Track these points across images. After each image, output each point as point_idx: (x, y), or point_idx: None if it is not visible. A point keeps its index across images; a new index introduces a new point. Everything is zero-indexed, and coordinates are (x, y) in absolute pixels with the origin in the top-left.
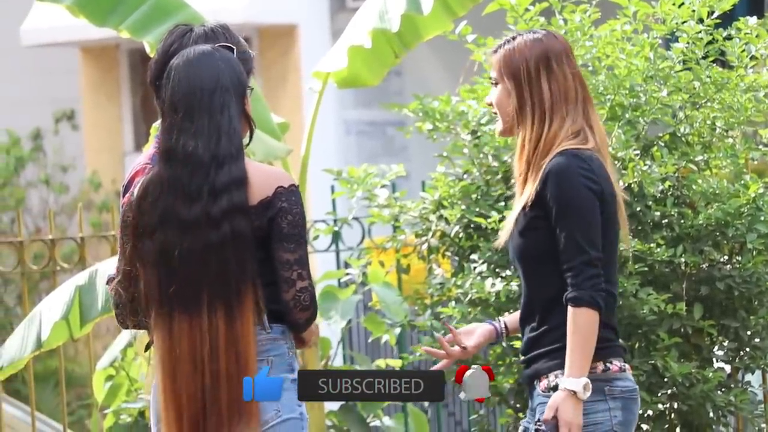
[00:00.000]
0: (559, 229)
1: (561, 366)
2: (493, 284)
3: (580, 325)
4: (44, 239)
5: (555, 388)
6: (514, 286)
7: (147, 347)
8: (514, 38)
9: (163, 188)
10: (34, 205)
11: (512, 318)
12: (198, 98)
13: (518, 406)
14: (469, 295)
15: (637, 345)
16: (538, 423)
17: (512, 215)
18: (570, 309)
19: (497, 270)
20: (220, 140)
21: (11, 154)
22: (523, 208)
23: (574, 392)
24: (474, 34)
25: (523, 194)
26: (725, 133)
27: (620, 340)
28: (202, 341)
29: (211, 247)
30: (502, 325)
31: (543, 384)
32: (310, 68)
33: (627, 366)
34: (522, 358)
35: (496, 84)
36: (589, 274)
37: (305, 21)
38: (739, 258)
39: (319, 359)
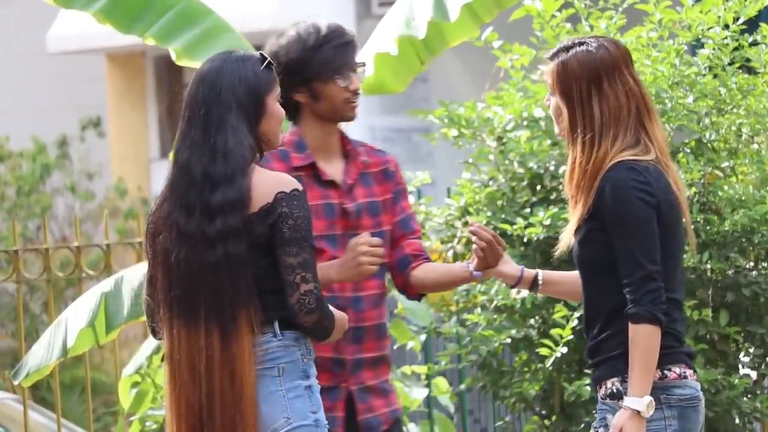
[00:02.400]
0: (616, 243)
1: (618, 373)
2: (519, 291)
3: (641, 341)
4: (70, 246)
5: (612, 396)
6: None
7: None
8: (568, 49)
9: (168, 193)
10: (59, 212)
11: (552, 276)
12: (196, 110)
13: (544, 412)
14: (495, 302)
15: None
16: (596, 429)
17: (569, 227)
18: (630, 325)
19: None
20: (214, 159)
21: (37, 161)
22: (581, 218)
23: (638, 411)
24: (500, 40)
25: (576, 210)
26: (751, 140)
27: (686, 346)
28: (199, 355)
29: (207, 266)
30: (535, 276)
31: (602, 391)
32: None
33: (689, 372)
34: (589, 362)
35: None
36: (648, 288)
37: None
38: (765, 264)
39: None
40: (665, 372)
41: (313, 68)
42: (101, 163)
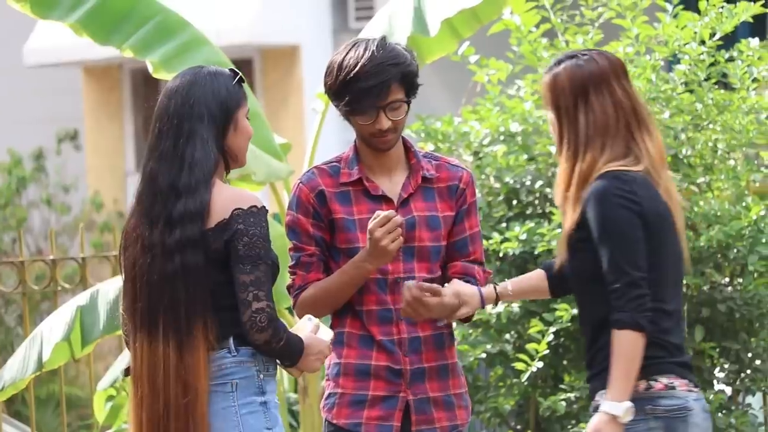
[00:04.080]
0: (601, 252)
1: (605, 386)
2: (494, 305)
3: (623, 347)
4: (45, 259)
5: (597, 409)
6: (515, 307)
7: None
8: (559, 62)
9: (136, 206)
10: (35, 225)
11: (519, 282)
12: (166, 122)
13: (519, 427)
14: None
15: None
16: None
17: (561, 238)
18: (613, 332)
19: None
20: (181, 170)
21: (13, 173)
22: (570, 230)
23: (615, 416)
24: (477, 54)
25: (565, 221)
26: (727, 155)
27: (683, 355)
28: (157, 367)
29: (167, 277)
30: (495, 295)
31: (593, 405)
32: (312, 88)
33: (680, 383)
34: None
35: None
36: (632, 295)
37: (308, 41)
38: (741, 280)
39: (320, 378)
40: (651, 382)
41: (339, 102)
42: (77, 176)
